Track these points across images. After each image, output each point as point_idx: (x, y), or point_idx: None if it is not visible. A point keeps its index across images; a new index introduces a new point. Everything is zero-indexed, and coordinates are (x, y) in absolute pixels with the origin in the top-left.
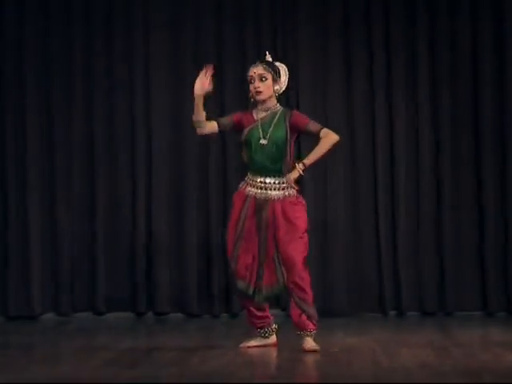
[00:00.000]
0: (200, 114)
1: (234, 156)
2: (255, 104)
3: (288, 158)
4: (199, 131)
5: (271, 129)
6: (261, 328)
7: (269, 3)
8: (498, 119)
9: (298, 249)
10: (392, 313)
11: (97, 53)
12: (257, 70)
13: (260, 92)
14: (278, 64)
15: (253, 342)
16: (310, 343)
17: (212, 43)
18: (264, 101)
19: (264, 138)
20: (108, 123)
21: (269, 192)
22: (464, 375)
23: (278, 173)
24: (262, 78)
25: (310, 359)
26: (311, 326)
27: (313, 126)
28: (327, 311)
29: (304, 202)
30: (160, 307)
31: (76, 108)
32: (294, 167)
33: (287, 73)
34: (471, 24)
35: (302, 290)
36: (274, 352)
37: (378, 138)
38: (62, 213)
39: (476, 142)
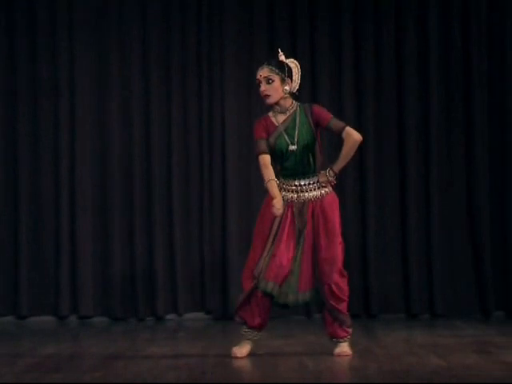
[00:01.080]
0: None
1: (159, 161)
2: (270, 106)
3: (319, 154)
4: None
5: (297, 132)
6: (258, 329)
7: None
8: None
9: (336, 254)
10: (317, 316)
11: (19, 53)
12: (263, 73)
13: (268, 95)
14: (288, 61)
15: (244, 350)
16: (340, 349)
17: (138, 45)
18: (277, 103)
19: (292, 143)
20: (32, 127)
21: (306, 194)
22: (389, 378)
23: (313, 173)
24: (268, 81)
25: (236, 363)
26: (343, 333)
27: (335, 123)
28: None
29: (336, 196)
30: (84, 311)
31: None
32: (323, 173)
33: (299, 69)
34: (395, 30)
35: (337, 296)
36: (200, 357)
37: None
38: None
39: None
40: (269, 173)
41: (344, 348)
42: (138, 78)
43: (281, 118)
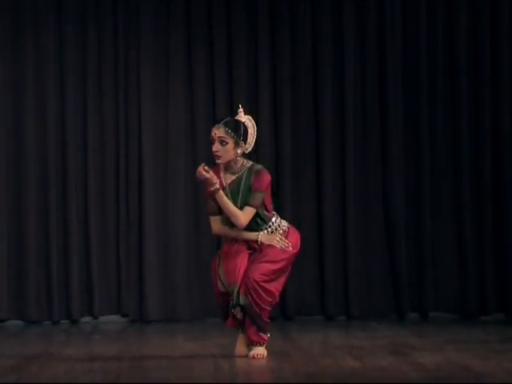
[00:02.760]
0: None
1: (74, 163)
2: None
3: (265, 213)
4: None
5: (240, 198)
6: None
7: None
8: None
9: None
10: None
11: None
12: (218, 133)
13: (219, 156)
14: (246, 119)
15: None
16: (255, 351)
17: (53, 45)
18: (227, 163)
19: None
20: None
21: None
22: (304, 379)
23: (261, 229)
24: (222, 142)
25: (151, 365)
26: (258, 338)
27: (253, 197)
28: (169, 317)
29: (296, 232)
30: None
31: None
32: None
33: (255, 128)
34: (312, 30)
35: (260, 301)
36: (116, 359)
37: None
38: None
39: (317, 148)
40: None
41: (258, 350)
42: (53, 80)
43: (229, 178)
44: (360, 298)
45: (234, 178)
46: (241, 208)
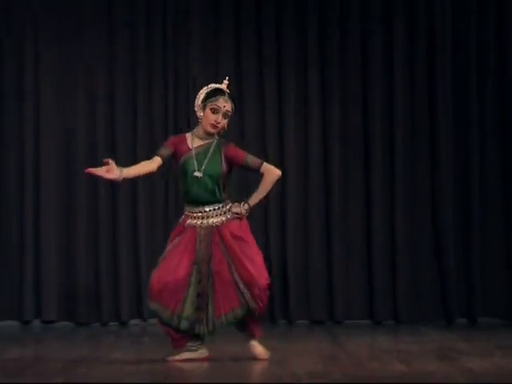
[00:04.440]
0: (136, 173)
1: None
2: (196, 126)
3: (225, 187)
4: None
5: (206, 161)
6: (184, 345)
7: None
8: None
9: (259, 263)
10: (281, 321)
11: None
12: (227, 106)
13: (217, 127)
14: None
15: (185, 355)
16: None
17: (103, 44)
18: (206, 132)
19: (199, 170)
20: None
21: (210, 220)
22: (352, 383)
23: (217, 202)
24: (225, 116)
25: (200, 368)
26: (259, 333)
27: (252, 161)
28: None
29: (246, 220)
30: (47, 315)
31: None
32: (237, 205)
33: None
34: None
35: (262, 300)
36: (164, 362)
37: (269, 151)
38: None
39: (366, 156)
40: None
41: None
42: (103, 79)
43: (197, 143)
44: (408, 303)
45: (201, 143)
46: (204, 173)
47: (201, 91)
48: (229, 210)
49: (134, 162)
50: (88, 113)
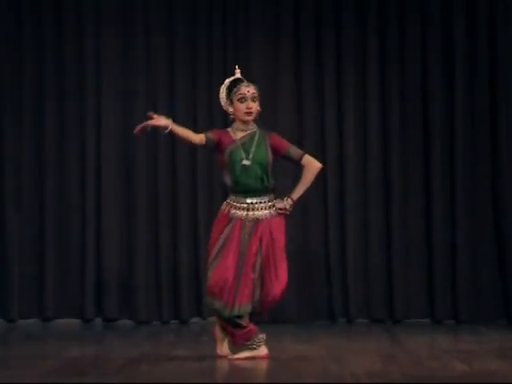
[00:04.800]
0: (181, 133)
1: (184, 159)
2: (233, 122)
3: (272, 177)
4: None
5: (253, 149)
6: (246, 342)
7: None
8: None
9: (282, 274)
10: (341, 320)
11: (46, 58)
12: (250, 90)
13: (251, 113)
14: None
15: (243, 354)
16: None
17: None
18: (244, 122)
19: (247, 158)
20: (58, 126)
21: (256, 213)
22: (412, 383)
23: (264, 192)
24: (253, 99)
25: (260, 367)
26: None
27: (294, 152)
28: (277, 318)
29: (284, 220)
30: (108, 313)
31: (26, 111)
32: (280, 200)
33: None
34: (421, 32)
35: (271, 310)
36: (226, 361)
37: (328, 148)
38: (11, 217)
39: (426, 153)
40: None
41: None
42: (163, 79)
43: (239, 134)
44: (469, 302)
45: (244, 134)
46: (253, 161)
47: (220, 91)
48: (273, 206)
49: (194, 161)
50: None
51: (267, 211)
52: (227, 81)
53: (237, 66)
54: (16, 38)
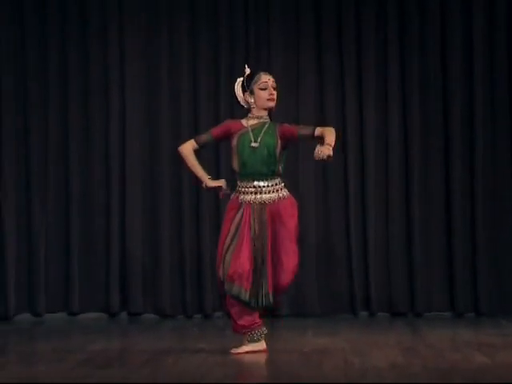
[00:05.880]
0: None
1: (207, 158)
2: (247, 112)
3: (280, 162)
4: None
5: (262, 134)
6: (249, 332)
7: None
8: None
9: (293, 259)
10: (362, 313)
11: (71, 55)
12: (271, 79)
13: (274, 99)
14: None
15: (244, 348)
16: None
17: (186, 43)
18: (266, 109)
19: (255, 141)
20: (83, 126)
21: (263, 196)
22: (434, 375)
23: (271, 176)
24: (274, 88)
25: (281, 360)
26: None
27: (305, 129)
28: (299, 312)
29: (296, 201)
30: (133, 308)
31: (52, 109)
32: (319, 147)
33: None
34: (440, 28)
35: (280, 296)
36: (255, 355)
37: (349, 145)
38: (37, 213)
39: (445, 147)
40: (192, 160)
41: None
42: (186, 77)
43: (252, 122)
44: (490, 295)
45: (256, 122)
46: (261, 144)
47: (237, 84)
48: (281, 189)
49: (217, 162)
50: (172, 108)
51: (275, 194)
52: (239, 79)
53: (246, 66)
54: (41, 36)
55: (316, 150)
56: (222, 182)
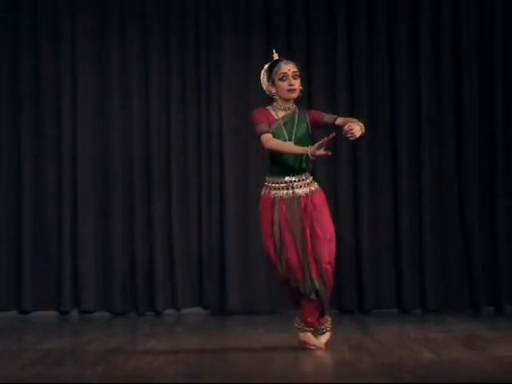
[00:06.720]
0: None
1: (158, 157)
2: (272, 101)
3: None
4: None
5: (295, 128)
6: (315, 326)
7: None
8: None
9: (329, 247)
10: None
11: (23, 57)
12: (291, 68)
13: (295, 90)
14: None
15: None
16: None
17: (137, 46)
18: (289, 100)
19: (289, 138)
20: (34, 129)
21: (295, 190)
22: (382, 371)
23: (303, 171)
24: (295, 76)
25: (232, 357)
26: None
27: (329, 117)
28: (249, 309)
29: (325, 195)
30: (85, 306)
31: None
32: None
33: None
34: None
35: (328, 287)
36: (198, 351)
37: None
38: None
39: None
40: (283, 142)
41: (327, 336)
42: (137, 79)
43: (281, 113)
44: (436, 292)
45: (285, 113)
46: (295, 141)
47: (262, 74)
48: (311, 183)
49: (168, 161)
50: (124, 113)
51: (307, 188)
52: (266, 65)
53: (274, 50)
54: None
55: (347, 126)
56: (316, 144)
